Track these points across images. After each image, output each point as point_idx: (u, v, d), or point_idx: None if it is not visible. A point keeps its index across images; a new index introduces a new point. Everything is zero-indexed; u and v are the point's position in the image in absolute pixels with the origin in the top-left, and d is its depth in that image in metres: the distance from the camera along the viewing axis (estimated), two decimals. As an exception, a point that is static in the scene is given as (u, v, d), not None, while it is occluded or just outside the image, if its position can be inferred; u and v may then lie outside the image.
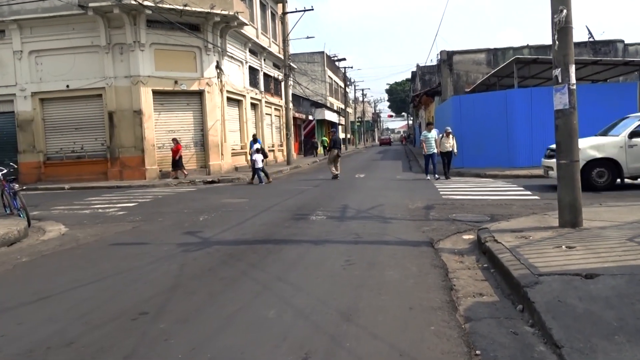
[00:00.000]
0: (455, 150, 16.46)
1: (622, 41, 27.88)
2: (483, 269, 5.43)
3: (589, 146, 11.98)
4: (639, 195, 10.57)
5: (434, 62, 42.48)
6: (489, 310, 4.05)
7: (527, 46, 28.20)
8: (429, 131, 16.78)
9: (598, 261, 4.67)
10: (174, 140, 19.29)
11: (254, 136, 19.92)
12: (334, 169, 17.91)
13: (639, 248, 5.13)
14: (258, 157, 17.30)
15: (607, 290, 3.89)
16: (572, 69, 6.27)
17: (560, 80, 6.31)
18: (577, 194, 6.38)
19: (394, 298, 4.26)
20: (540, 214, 7.94)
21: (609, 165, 11.85)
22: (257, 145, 17.99)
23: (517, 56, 18.63)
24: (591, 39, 28.26)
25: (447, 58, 28.92)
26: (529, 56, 20.84)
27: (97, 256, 6.35)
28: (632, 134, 11.99)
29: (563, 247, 5.34)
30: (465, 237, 7.17)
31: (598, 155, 11.88)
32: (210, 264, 5.62)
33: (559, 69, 6.31)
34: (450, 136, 16.36)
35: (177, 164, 19.15)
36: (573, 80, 6.25)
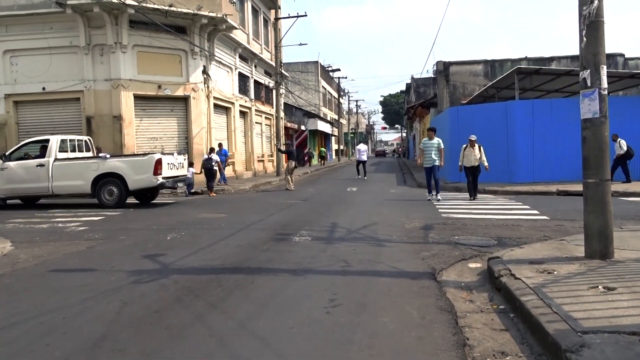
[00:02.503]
0: (486, 164, 13.26)
1: (623, 55, 27.17)
2: (499, 312, 4.38)
3: None
4: None
5: (430, 74, 41.78)
6: (519, 384, 2.98)
7: (526, 58, 27.41)
8: (430, 139, 13.54)
9: (655, 312, 3.61)
10: (98, 148, 17.51)
11: (217, 146, 19.20)
12: (291, 182, 17.99)
13: (698, 292, 4.08)
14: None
15: (684, 362, 2.84)
16: (604, 70, 5.27)
17: (589, 84, 5.30)
18: (609, 218, 5.35)
19: (391, 364, 3.17)
20: (557, 240, 6.90)
21: None
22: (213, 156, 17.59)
23: (518, 66, 17.73)
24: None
25: (444, 69, 28.06)
26: (532, 66, 19.95)
27: (25, 287, 5.18)
28: (3, 157, 13.09)
29: (600, 287, 4.29)
30: (472, 265, 6.13)
31: None
32: (159, 302, 4.48)
33: (588, 71, 5.30)
34: (476, 146, 13.23)
35: None
36: (605, 83, 5.25)
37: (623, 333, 3.23)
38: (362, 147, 24.95)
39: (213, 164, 17.14)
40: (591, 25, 5.25)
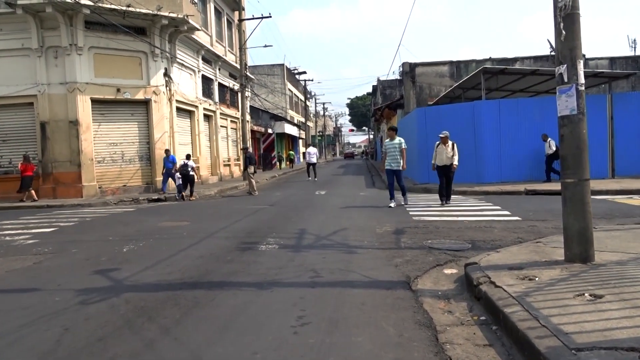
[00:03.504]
0: (456, 163, 12.13)
1: (583, 55, 27.73)
2: (481, 325, 4.07)
3: None
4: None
5: (396, 76, 41.87)
6: (512, 412, 2.65)
7: (490, 59, 27.69)
8: (392, 139, 12.29)
9: (650, 323, 3.35)
10: (24, 157, 16.82)
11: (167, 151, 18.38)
12: (254, 185, 18.23)
13: (688, 297, 3.85)
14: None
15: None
16: (581, 65, 5.06)
17: (566, 80, 5.07)
18: (588, 220, 5.13)
19: (368, 395, 2.80)
20: (532, 242, 6.68)
21: None
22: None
23: (484, 67, 17.74)
24: (553, 53, 28.01)
25: (410, 70, 28.03)
26: (497, 67, 20.04)
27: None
28: None
29: (586, 295, 4.02)
30: (447, 271, 5.83)
31: None
32: (106, 327, 3.97)
33: (565, 66, 5.08)
34: (450, 143, 12.09)
35: (24, 183, 16.54)
36: (582, 79, 5.03)
37: (620, 349, 2.94)
38: (311, 149, 25.39)
39: (189, 169, 16.62)
40: (567, 18, 5.03)
